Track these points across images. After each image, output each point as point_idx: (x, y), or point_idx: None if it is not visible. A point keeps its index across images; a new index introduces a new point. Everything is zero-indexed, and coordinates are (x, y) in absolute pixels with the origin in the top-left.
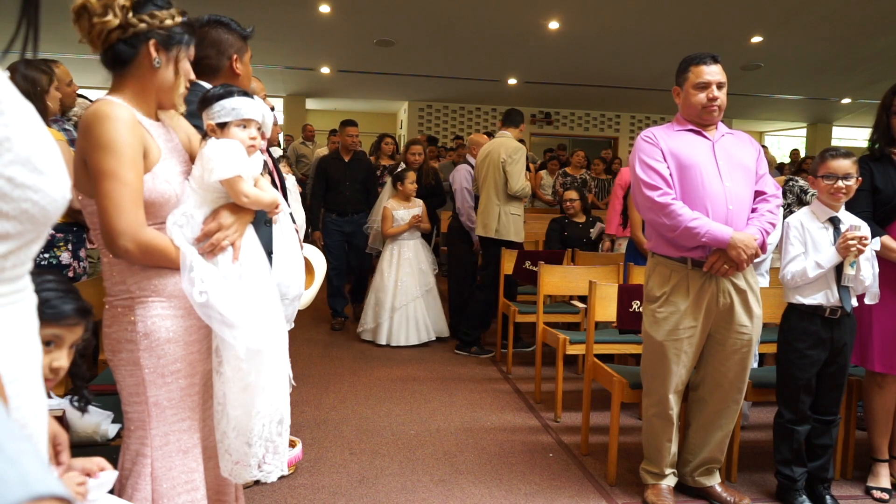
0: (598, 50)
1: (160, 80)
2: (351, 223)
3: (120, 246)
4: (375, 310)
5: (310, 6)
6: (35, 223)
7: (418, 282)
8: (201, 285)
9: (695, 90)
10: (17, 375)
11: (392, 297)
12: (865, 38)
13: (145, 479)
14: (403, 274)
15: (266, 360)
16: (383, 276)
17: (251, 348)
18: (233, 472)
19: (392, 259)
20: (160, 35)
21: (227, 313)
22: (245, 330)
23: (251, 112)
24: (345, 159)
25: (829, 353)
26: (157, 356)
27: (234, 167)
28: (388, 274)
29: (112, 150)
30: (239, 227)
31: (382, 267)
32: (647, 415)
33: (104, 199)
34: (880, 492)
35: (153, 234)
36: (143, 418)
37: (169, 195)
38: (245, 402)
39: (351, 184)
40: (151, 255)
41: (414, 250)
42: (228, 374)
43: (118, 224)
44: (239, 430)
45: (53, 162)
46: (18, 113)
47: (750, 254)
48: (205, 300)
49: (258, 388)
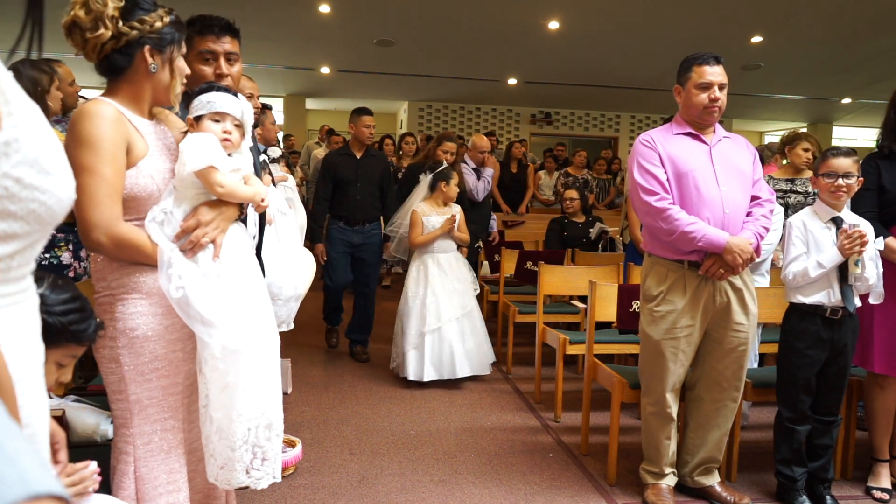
0: (598, 50)
1: (157, 82)
2: (361, 233)
3: (93, 238)
4: (398, 340)
5: (310, 6)
6: (42, 223)
7: (453, 303)
8: (178, 281)
9: (697, 90)
10: (21, 375)
11: (419, 322)
12: (865, 38)
13: (129, 478)
14: (433, 293)
15: (245, 361)
16: (408, 297)
17: (227, 347)
18: (218, 477)
19: (420, 276)
20: (152, 39)
21: (204, 311)
22: (222, 329)
23: (225, 106)
24: (356, 156)
25: (829, 353)
26: (135, 353)
27: (205, 158)
28: (415, 293)
29: (90, 145)
30: (220, 224)
31: (408, 286)
32: (646, 414)
33: (80, 193)
34: (880, 492)
35: (128, 228)
36: (126, 416)
37: (151, 190)
38: (225, 403)
39: (363, 185)
40: (125, 249)
41: (448, 265)
42: (208, 375)
43: (92, 217)
44: (222, 434)
45: (59, 162)
46: (26, 114)
47: (745, 258)
48: (181, 296)
49: (238, 389)
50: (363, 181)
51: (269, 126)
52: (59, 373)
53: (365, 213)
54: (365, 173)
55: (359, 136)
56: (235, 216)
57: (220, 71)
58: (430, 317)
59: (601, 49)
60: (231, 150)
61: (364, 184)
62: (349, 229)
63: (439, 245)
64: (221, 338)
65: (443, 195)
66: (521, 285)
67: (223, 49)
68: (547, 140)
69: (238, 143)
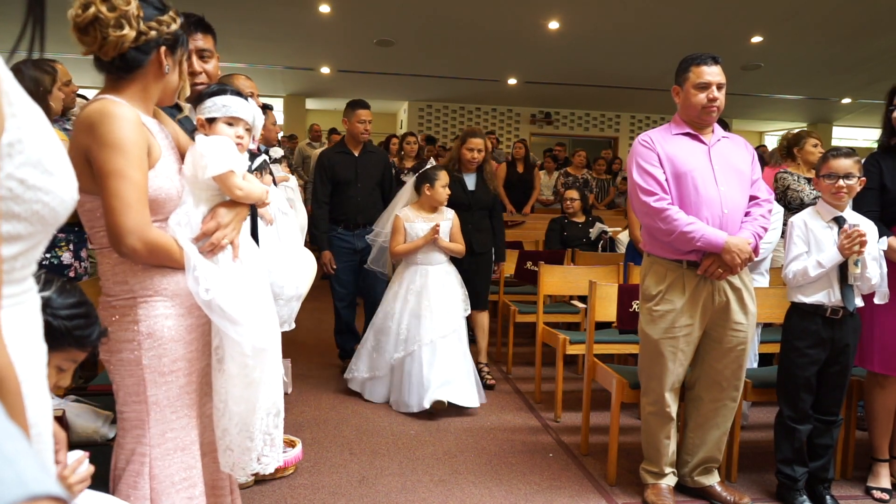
0: (598, 50)
1: (167, 83)
2: (363, 237)
3: (128, 245)
4: (373, 356)
5: (310, 6)
6: (45, 224)
7: (435, 321)
8: (206, 283)
9: (695, 90)
10: (25, 375)
11: (395, 342)
12: (865, 38)
13: (143, 478)
14: (414, 311)
15: (270, 357)
16: (386, 311)
17: (256, 346)
18: (234, 467)
19: (401, 290)
20: (168, 41)
21: (231, 311)
22: (250, 327)
23: (240, 111)
24: (354, 153)
25: (829, 352)
26: (158, 355)
27: (226, 162)
28: (394, 311)
29: (120, 149)
30: (237, 225)
31: (387, 301)
32: (646, 414)
33: (112, 198)
34: (880, 492)
35: (158, 233)
36: (142, 417)
37: (170, 192)
38: (249, 397)
39: (363, 185)
40: (157, 254)
41: (436, 279)
42: (233, 371)
43: (126, 222)
44: (242, 426)
45: (62, 163)
46: (29, 115)
47: (744, 258)
48: (211, 297)
49: (262, 384)
50: (363, 180)
51: (269, 126)
52: (58, 377)
53: (366, 214)
54: (364, 172)
55: (352, 131)
56: (247, 216)
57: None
58: (405, 342)
59: (601, 49)
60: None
61: (364, 183)
62: (349, 234)
63: (425, 256)
64: (250, 336)
65: (430, 199)
66: (521, 285)
67: (195, 46)
68: (547, 140)
69: (246, 147)
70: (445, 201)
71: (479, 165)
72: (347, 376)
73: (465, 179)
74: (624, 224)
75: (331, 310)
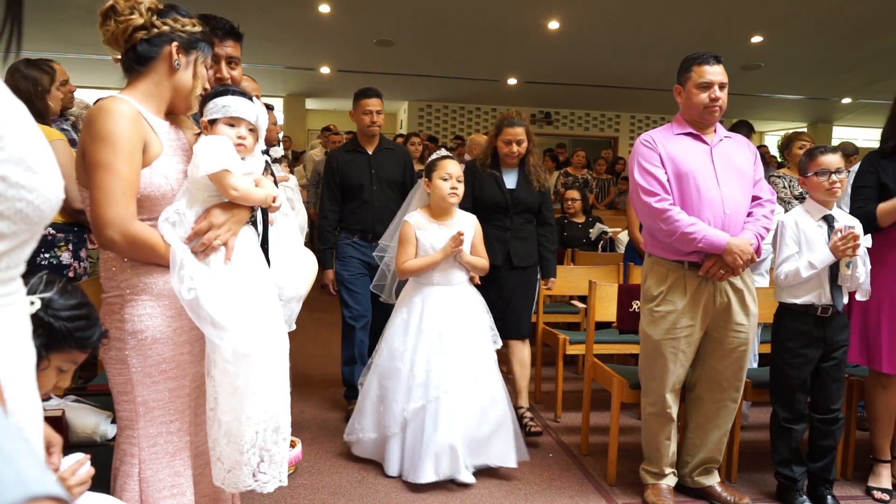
0: (598, 50)
1: (177, 82)
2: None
3: (106, 236)
4: (379, 410)
5: (310, 6)
6: (29, 223)
7: (459, 362)
8: (190, 283)
9: (697, 90)
10: (12, 378)
11: (407, 388)
12: (865, 38)
13: (133, 479)
14: (429, 346)
15: (256, 365)
16: (393, 347)
17: (238, 351)
18: (225, 481)
19: (412, 318)
20: (182, 38)
21: (215, 314)
22: (233, 332)
23: (241, 111)
24: (367, 151)
25: (823, 350)
26: (144, 355)
27: (219, 161)
28: (402, 348)
29: (108, 142)
30: (232, 227)
31: (392, 335)
32: (646, 414)
33: (96, 190)
34: (881, 492)
35: (142, 227)
36: (132, 417)
37: (164, 190)
38: (234, 406)
39: (380, 188)
40: (138, 248)
41: (458, 304)
42: (217, 378)
43: (107, 214)
44: (230, 437)
45: (47, 161)
46: (11, 112)
47: (746, 259)
48: (193, 297)
49: (248, 392)
50: (379, 182)
51: (270, 126)
52: (59, 378)
53: (385, 222)
54: (380, 172)
55: (359, 125)
56: (246, 219)
57: (221, 75)
58: (423, 386)
59: (601, 49)
60: (244, 154)
61: (381, 186)
62: (366, 245)
63: (443, 274)
64: (232, 341)
65: (434, 200)
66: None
67: (225, 53)
68: (547, 140)
69: (252, 148)
70: (451, 198)
71: (522, 159)
72: (349, 438)
73: (503, 176)
74: (624, 224)
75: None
